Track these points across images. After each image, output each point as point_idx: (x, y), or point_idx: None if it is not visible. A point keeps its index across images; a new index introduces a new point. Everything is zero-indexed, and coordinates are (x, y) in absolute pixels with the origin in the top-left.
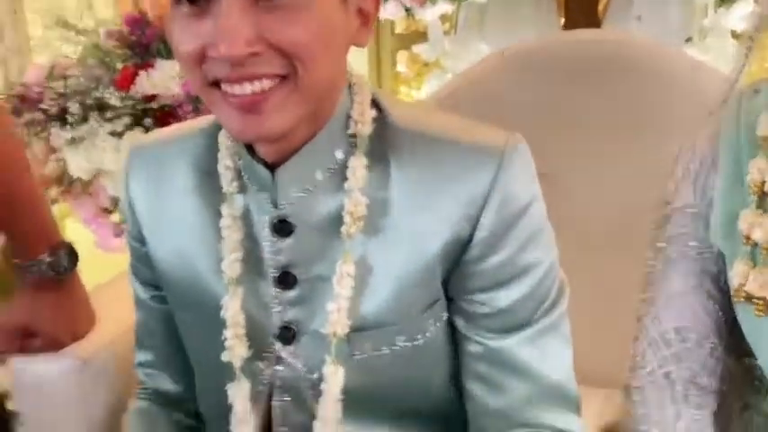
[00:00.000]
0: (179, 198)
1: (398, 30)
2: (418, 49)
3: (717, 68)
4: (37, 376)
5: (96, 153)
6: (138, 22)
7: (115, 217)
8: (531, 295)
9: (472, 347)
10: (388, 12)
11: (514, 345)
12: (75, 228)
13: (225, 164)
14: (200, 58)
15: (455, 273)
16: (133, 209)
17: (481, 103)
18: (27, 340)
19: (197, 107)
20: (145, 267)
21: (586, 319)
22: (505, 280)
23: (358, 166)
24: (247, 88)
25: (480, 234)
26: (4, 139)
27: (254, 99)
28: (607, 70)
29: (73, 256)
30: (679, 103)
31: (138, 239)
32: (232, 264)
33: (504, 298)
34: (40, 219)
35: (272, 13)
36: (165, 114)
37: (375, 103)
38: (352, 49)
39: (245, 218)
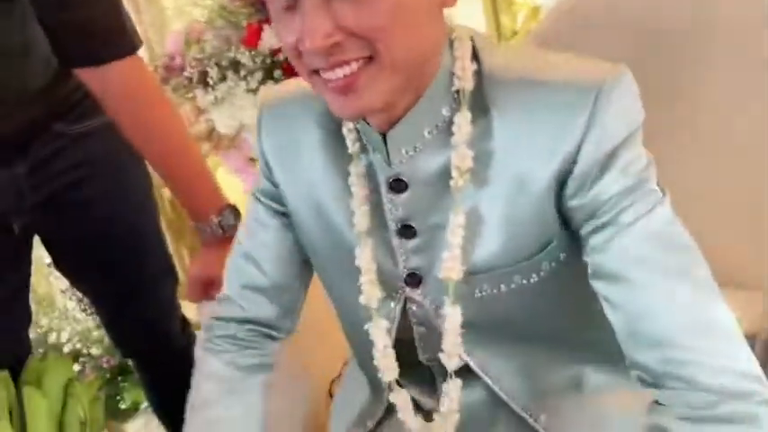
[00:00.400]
0: (308, 153)
1: None
2: None
3: None
4: None
5: (237, 110)
6: None
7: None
8: (634, 205)
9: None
10: None
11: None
12: (225, 177)
13: (347, 127)
14: (298, 50)
15: (567, 208)
16: (267, 160)
17: (606, 22)
18: (209, 289)
19: None
20: (275, 202)
21: (716, 214)
22: (609, 200)
23: (462, 121)
24: (339, 72)
25: (581, 168)
26: (174, 119)
27: (346, 81)
28: None
29: (236, 214)
30: None
31: (272, 182)
32: (361, 218)
33: (608, 215)
34: (208, 186)
35: (347, 2)
36: (291, 65)
37: (475, 55)
38: None
39: (369, 174)
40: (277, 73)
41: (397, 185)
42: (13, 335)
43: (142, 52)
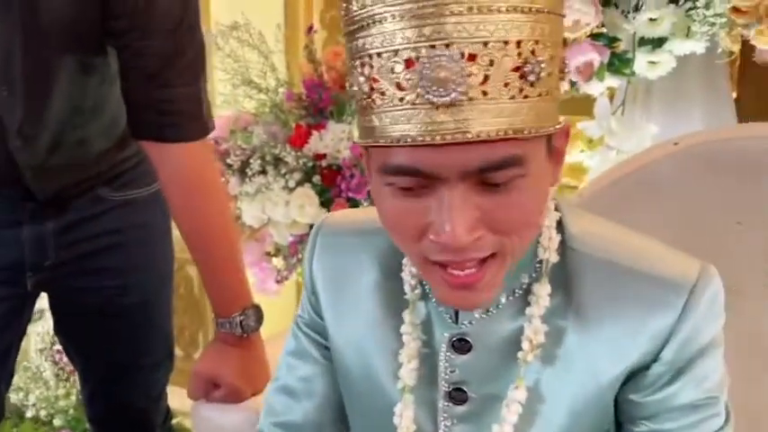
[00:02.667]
0: (362, 292)
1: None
2: (583, 125)
3: None
4: (217, 422)
5: (269, 205)
6: (317, 86)
7: (277, 262)
8: (696, 426)
9: None
10: None
11: None
12: None
13: (410, 270)
14: (420, 236)
15: (626, 400)
16: (314, 286)
17: (651, 192)
18: (212, 389)
19: (363, 170)
20: (319, 335)
21: None
22: (674, 410)
23: (542, 293)
24: (467, 270)
25: (657, 368)
26: (224, 212)
27: (469, 279)
28: None
29: (259, 317)
30: None
31: (317, 313)
32: (410, 372)
33: (669, 425)
34: (238, 282)
35: (491, 195)
36: (332, 173)
37: (560, 224)
38: None
39: (426, 326)
40: (316, 178)
41: (461, 346)
42: None
43: None
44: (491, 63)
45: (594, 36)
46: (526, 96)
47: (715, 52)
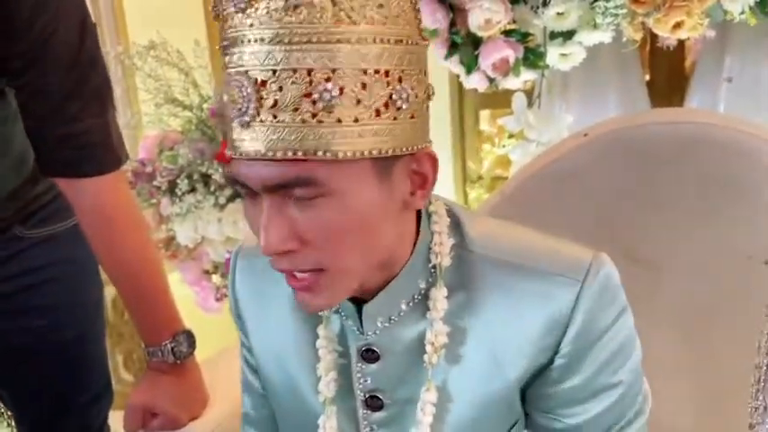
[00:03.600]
0: (280, 310)
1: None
2: (502, 120)
3: None
4: None
5: (201, 224)
6: None
7: (216, 279)
8: (605, 414)
9: None
10: (474, 82)
11: None
12: (177, 286)
13: None
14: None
15: (530, 392)
16: (239, 308)
17: (567, 184)
18: (149, 418)
19: None
20: (253, 358)
21: (688, 419)
22: (579, 400)
23: (438, 297)
24: (300, 276)
25: (558, 360)
26: (145, 243)
27: (301, 285)
28: (690, 150)
29: (191, 341)
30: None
31: (245, 334)
32: (328, 384)
33: (577, 416)
34: (165, 308)
35: (305, 212)
36: None
37: (454, 226)
38: (436, 110)
39: (341, 338)
40: None
41: (369, 355)
42: None
43: None
44: (280, 89)
45: (507, 33)
46: (320, 122)
47: (622, 41)
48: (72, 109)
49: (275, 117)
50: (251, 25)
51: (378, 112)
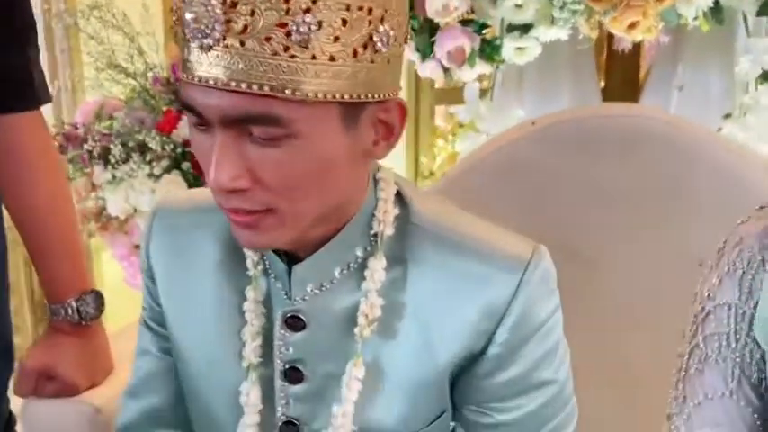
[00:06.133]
0: (202, 270)
1: (438, 85)
2: (454, 109)
3: (757, 152)
4: (50, 420)
5: (134, 194)
6: None
7: None
8: (537, 413)
9: None
10: (428, 71)
11: None
12: (109, 261)
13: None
14: (207, 169)
15: (462, 383)
16: (151, 270)
17: (511, 172)
18: (43, 382)
19: None
20: (157, 324)
21: (609, 408)
22: (512, 395)
23: (377, 267)
24: (237, 216)
25: (493, 349)
26: (58, 187)
27: (245, 222)
28: (636, 146)
29: (99, 303)
30: (708, 185)
31: (155, 300)
32: (254, 350)
33: (508, 412)
34: (73, 264)
35: (262, 149)
36: None
37: (400, 198)
38: None
39: (267, 302)
40: (185, 165)
41: (294, 323)
42: None
43: (48, 114)
44: (251, 13)
45: (465, 22)
46: (292, 56)
47: (578, 39)
48: None
49: (242, 44)
50: None
51: (355, 53)
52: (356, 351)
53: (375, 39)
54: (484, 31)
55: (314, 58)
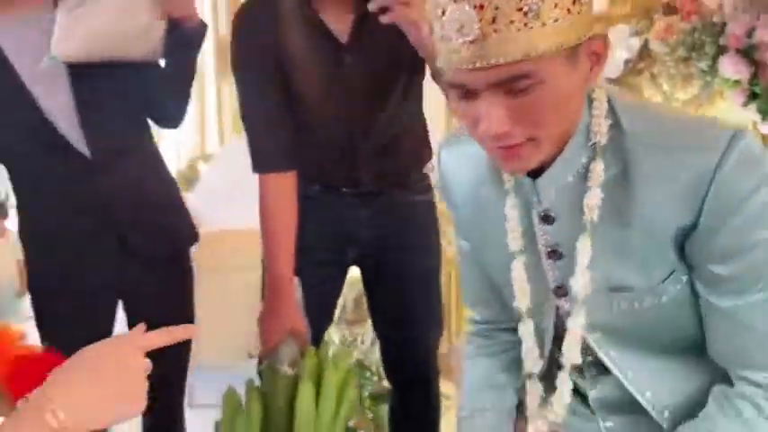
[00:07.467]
0: (475, 185)
1: None
2: None
3: None
4: None
5: None
6: None
7: None
8: (756, 267)
9: (708, 305)
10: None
11: (745, 306)
12: None
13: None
14: (475, 126)
15: (687, 249)
16: (448, 190)
17: None
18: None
19: None
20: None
21: None
22: (729, 255)
23: (597, 168)
24: (505, 151)
25: (703, 220)
26: None
27: (511, 152)
28: None
29: None
30: None
31: (455, 207)
32: (514, 239)
33: (729, 269)
34: None
35: (519, 98)
36: None
37: (611, 110)
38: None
39: (523, 205)
40: None
41: (547, 219)
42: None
43: None
44: (495, 8)
45: None
46: (530, 28)
47: None
48: None
49: (495, 31)
50: None
51: (569, 10)
52: (587, 231)
53: None
54: None
55: (544, 25)
